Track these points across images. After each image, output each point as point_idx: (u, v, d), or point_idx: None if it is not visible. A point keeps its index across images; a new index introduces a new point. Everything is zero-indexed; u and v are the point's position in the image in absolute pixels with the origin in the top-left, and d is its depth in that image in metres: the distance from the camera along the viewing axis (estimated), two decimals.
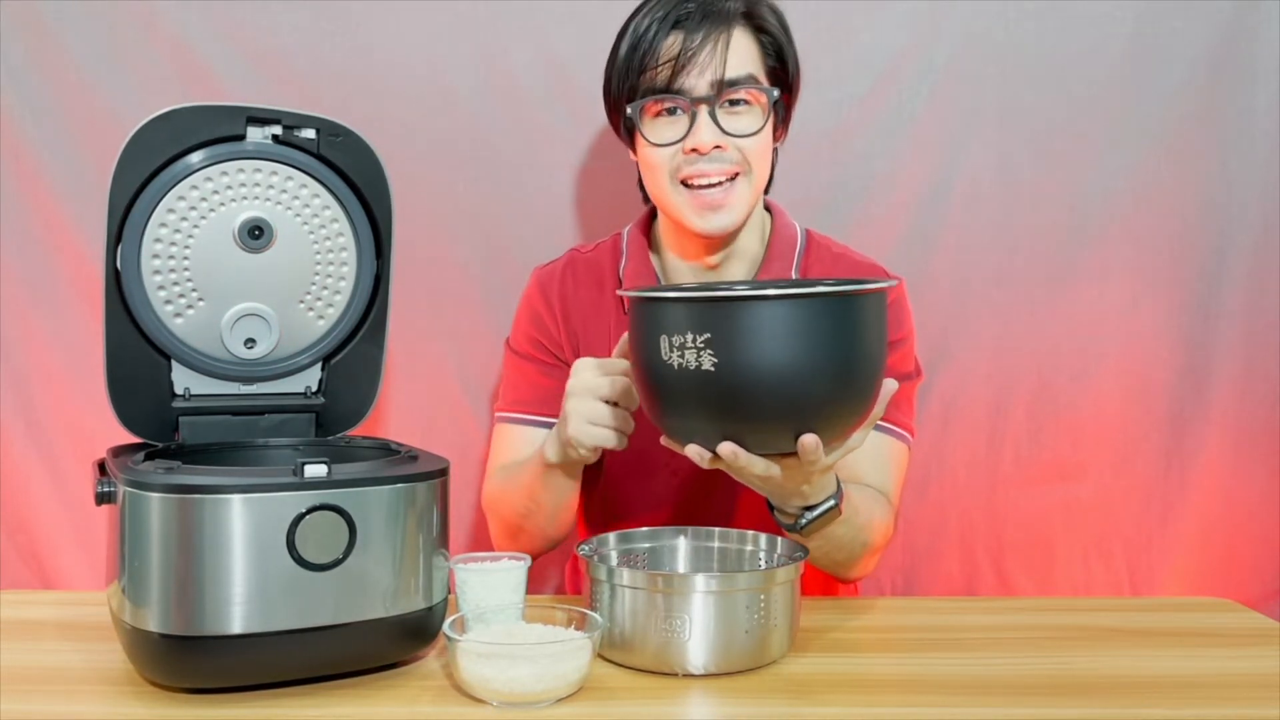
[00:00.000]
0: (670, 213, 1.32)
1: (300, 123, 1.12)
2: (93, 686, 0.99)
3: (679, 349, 0.95)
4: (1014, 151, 1.66)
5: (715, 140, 1.25)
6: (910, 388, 1.35)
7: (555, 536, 1.36)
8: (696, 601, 0.99)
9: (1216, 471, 1.68)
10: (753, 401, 0.95)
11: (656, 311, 0.98)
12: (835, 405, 0.98)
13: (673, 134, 1.27)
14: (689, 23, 1.25)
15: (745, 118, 1.27)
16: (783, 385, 0.94)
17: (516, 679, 0.92)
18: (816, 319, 0.95)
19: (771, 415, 0.96)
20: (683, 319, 0.95)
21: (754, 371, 0.94)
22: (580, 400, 1.16)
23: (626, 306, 1.07)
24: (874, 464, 1.29)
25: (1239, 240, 1.66)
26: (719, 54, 1.25)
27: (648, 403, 1.04)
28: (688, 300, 0.97)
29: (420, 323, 1.65)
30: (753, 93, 1.27)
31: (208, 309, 1.12)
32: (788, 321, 0.94)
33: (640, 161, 1.34)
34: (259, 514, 0.92)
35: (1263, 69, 1.64)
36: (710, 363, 0.94)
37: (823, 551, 1.17)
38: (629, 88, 1.28)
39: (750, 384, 0.94)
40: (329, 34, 1.62)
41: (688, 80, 1.25)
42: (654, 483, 1.40)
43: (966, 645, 1.13)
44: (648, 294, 1.01)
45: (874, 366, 1.00)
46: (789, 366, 0.94)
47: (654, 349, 0.98)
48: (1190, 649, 1.13)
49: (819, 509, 1.10)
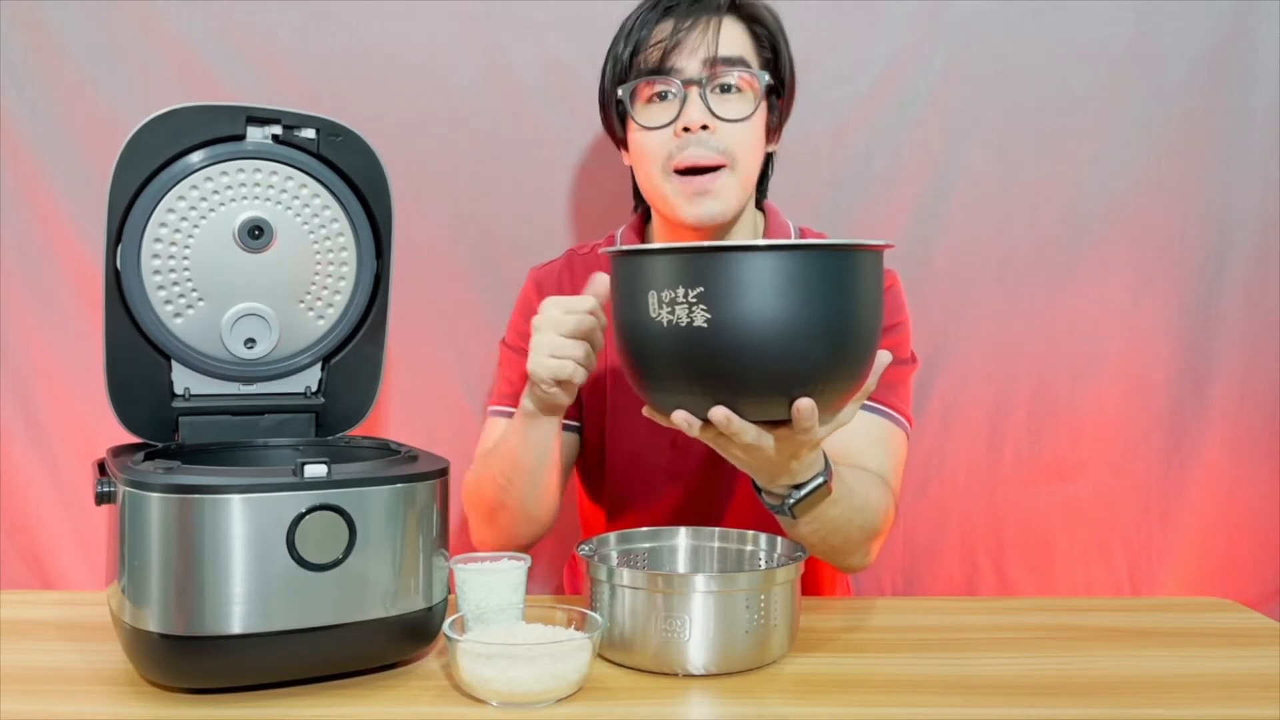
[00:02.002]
0: (660, 204, 1.31)
1: (300, 123, 1.12)
2: (93, 686, 0.99)
3: (669, 304, 0.92)
4: (1014, 151, 1.66)
5: (704, 119, 1.24)
6: (906, 374, 1.35)
7: (537, 516, 1.30)
8: (696, 601, 0.99)
9: (1216, 471, 1.68)
10: (747, 360, 0.92)
11: (645, 266, 0.95)
12: (831, 367, 0.95)
13: (664, 117, 1.27)
14: (678, 10, 1.27)
15: (736, 103, 1.27)
16: (778, 342, 0.91)
17: (516, 679, 0.92)
18: (813, 274, 0.92)
19: (766, 376, 0.93)
20: (674, 272, 0.92)
21: (749, 327, 0.91)
22: (543, 335, 1.15)
23: (611, 266, 1.03)
24: (872, 448, 1.27)
25: (1239, 240, 1.66)
26: (710, 35, 1.25)
27: (632, 368, 1.00)
28: (680, 252, 0.94)
29: (420, 323, 1.65)
30: (744, 77, 1.27)
31: (208, 309, 1.12)
32: (784, 276, 0.91)
33: (632, 155, 1.33)
34: (259, 514, 0.92)
35: (1263, 69, 1.64)
36: (703, 318, 0.91)
37: (818, 536, 1.13)
38: (621, 73, 1.29)
39: (745, 341, 0.91)
40: (329, 34, 1.62)
41: (679, 60, 1.25)
42: (654, 483, 1.40)
43: (966, 645, 1.13)
44: (636, 249, 0.97)
45: (870, 330, 0.97)
46: (785, 323, 0.91)
47: (641, 306, 0.94)
48: (1190, 649, 1.13)
49: (807, 487, 1.06)
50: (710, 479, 1.37)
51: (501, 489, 1.29)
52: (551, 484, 1.30)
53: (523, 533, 1.32)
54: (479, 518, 1.36)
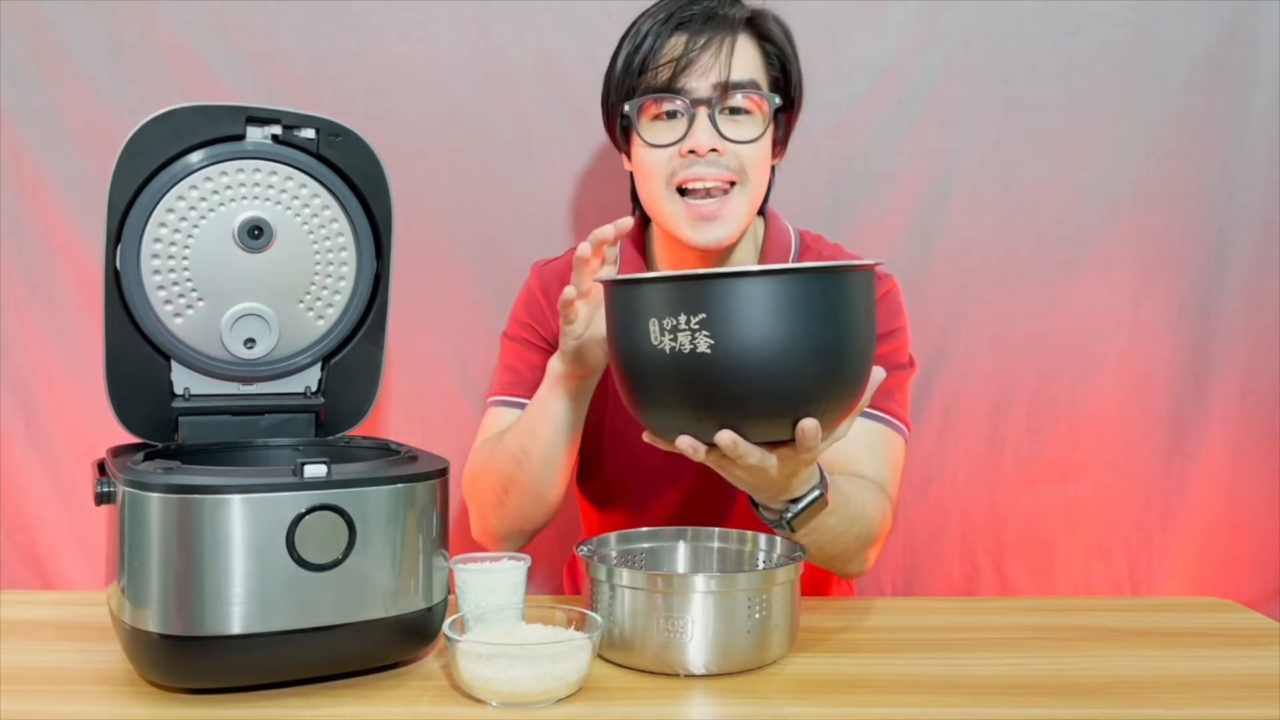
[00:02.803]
0: (664, 222, 1.30)
1: (300, 123, 1.12)
2: (93, 686, 0.99)
3: (670, 332, 0.93)
4: (1014, 151, 1.66)
5: (712, 143, 1.23)
6: (904, 379, 1.35)
7: (547, 496, 1.28)
8: (696, 602, 0.99)
9: (1216, 471, 1.68)
10: (752, 383, 0.93)
11: (645, 295, 0.95)
12: (833, 384, 0.96)
13: (670, 136, 1.25)
14: (692, 25, 1.24)
15: (745, 125, 1.26)
16: (782, 365, 0.92)
17: (516, 679, 0.92)
18: (814, 295, 0.93)
19: (770, 397, 0.94)
20: (676, 300, 0.92)
21: (753, 351, 0.92)
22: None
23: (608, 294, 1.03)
24: (869, 454, 1.28)
25: (1239, 240, 1.66)
26: (723, 57, 1.24)
27: (633, 395, 1.00)
28: (681, 280, 0.94)
29: (420, 323, 1.65)
30: (754, 99, 1.26)
31: (207, 309, 1.12)
32: (783, 299, 0.92)
33: (635, 168, 1.32)
34: (259, 514, 0.92)
35: (1263, 69, 1.64)
36: (706, 344, 0.92)
37: (816, 546, 1.13)
38: (628, 88, 1.27)
39: (749, 364, 0.92)
40: (329, 34, 1.62)
41: (689, 81, 1.24)
42: (653, 487, 1.40)
43: (966, 645, 1.13)
44: (635, 278, 0.98)
45: (868, 345, 0.99)
46: (788, 345, 0.92)
47: (641, 335, 0.95)
48: (1190, 649, 1.13)
49: (805, 500, 1.07)
50: (710, 481, 1.36)
51: (518, 462, 1.26)
52: (566, 463, 1.28)
53: (532, 513, 1.30)
54: (484, 503, 1.33)
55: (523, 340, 1.41)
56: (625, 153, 1.34)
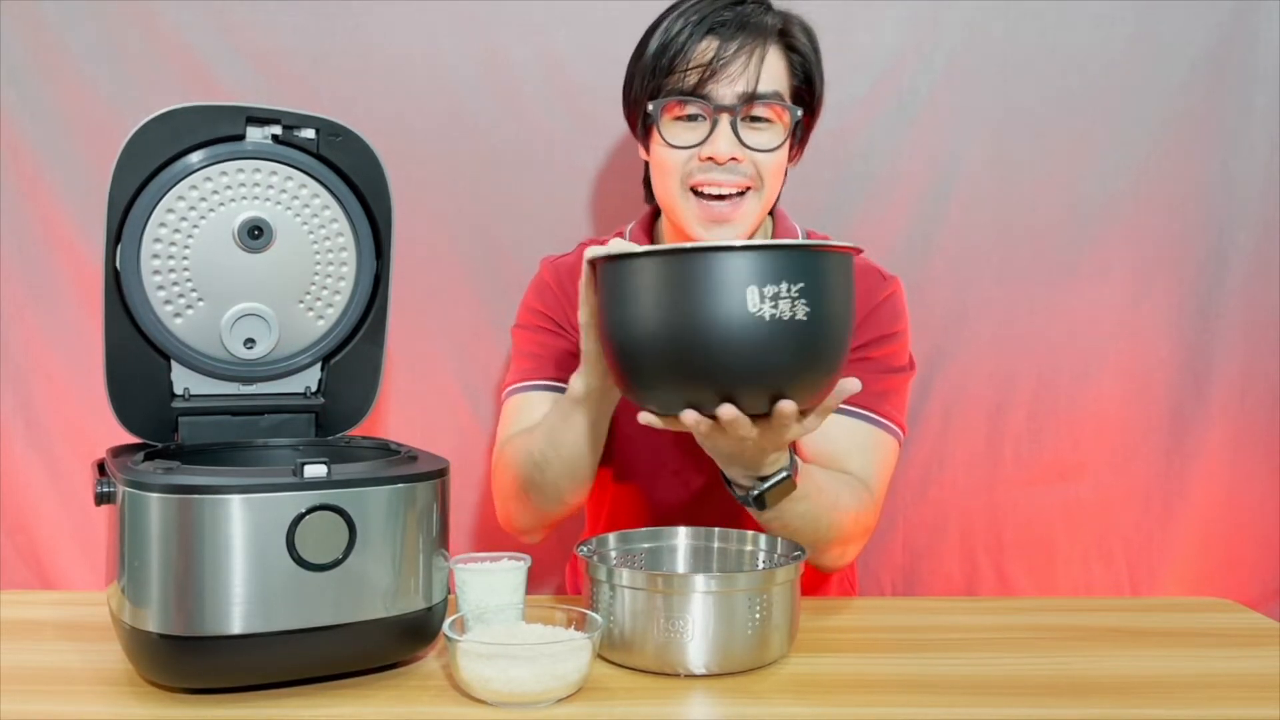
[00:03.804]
0: (676, 219, 1.31)
1: (300, 123, 1.12)
2: (93, 686, 0.99)
3: (772, 300, 0.94)
4: (1014, 151, 1.66)
5: (732, 152, 1.24)
6: (902, 382, 1.35)
7: (569, 499, 1.28)
8: (697, 602, 0.99)
9: (1216, 471, 1.68)
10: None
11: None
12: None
13: (691, 138, 1.26)
14: (724, 30, 1.24)
15: (766, 134, 1.26)
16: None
17: (516, 679, 0.92)
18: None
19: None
20: (777, 269, 0.93)
21: (837, 320, 0.97)
22: None
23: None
24: (859, 454, 1.28)
25: (1239, 240, 1.66)
26: (752, 67, 1.24)
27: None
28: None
29: (420, 323, 1.65)
30: (776, 109, 1.26)
31: (207, 309, 1.12)
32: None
33: (652, 162, 1.33)
34: (259, 514, 0.92)
35: (1263, 69, 1.64)
36: (804, 311, 0.94)
37: (787, 532, 1.14)
38: (654, 86, 1.27)
39: (837, 332, 0.97)
40: (329, 34, 1.62)
41: (716, 88, 1.24)
42: (659, 489, 1.40)
43: (966, 645, 1.13)
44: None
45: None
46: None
47: (725, 304, 0.94)
48: (1190, 649, 1.13)
49: (773, 479, 1.09)
50: (711, 484, 1.36)
51: (539, 468, 1.25)
52: (589, 470, 1.26)
53: (552, 511, 1.30)
54: (506, 495, 1.33)
55: (537, 327, 1.40)
56: (643, 144, 1.34)
